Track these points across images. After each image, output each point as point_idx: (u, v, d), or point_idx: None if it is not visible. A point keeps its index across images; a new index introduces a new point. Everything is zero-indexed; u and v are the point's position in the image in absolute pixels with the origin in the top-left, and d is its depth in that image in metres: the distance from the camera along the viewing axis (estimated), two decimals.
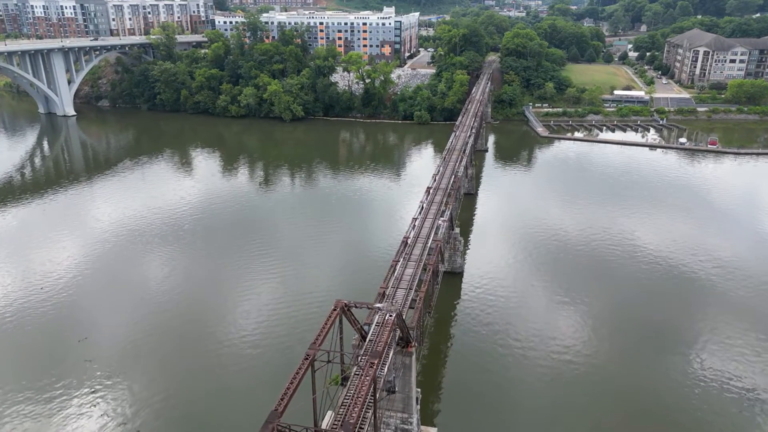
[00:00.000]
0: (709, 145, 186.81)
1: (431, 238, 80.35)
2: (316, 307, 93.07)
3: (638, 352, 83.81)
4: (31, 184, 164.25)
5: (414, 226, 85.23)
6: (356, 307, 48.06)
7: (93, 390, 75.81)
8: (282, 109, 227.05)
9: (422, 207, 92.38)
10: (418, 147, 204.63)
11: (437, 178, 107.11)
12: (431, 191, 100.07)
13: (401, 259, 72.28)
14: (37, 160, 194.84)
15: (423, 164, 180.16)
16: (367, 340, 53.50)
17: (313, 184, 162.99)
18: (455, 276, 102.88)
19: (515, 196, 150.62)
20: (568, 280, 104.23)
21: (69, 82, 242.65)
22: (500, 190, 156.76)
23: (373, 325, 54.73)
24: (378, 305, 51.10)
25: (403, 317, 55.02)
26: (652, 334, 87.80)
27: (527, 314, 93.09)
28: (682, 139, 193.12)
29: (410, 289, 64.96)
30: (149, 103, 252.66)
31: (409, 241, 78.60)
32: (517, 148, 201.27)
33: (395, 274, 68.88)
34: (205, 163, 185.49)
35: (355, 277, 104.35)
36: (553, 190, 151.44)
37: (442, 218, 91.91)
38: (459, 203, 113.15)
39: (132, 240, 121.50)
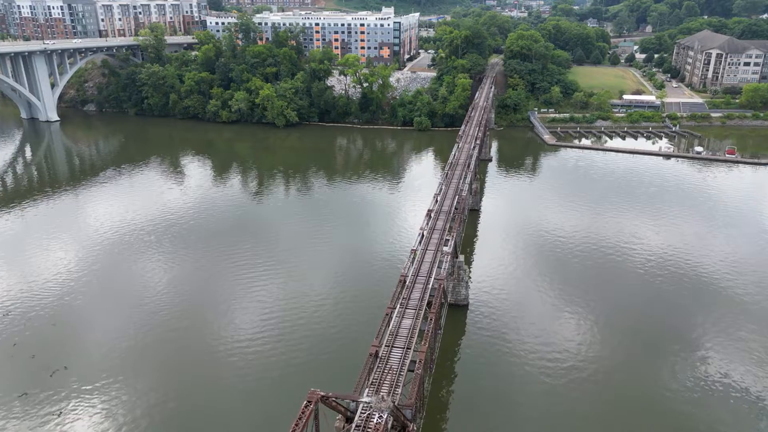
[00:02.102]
0: (726, 155, 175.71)
1: (433, 276, 69.37)
2: (306, 332, 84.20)
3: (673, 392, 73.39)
4: (11, 193, 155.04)
5: (413, 259, 74.25)
6: (336, 399, 37.07)
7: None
8: (275, 115, 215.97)
9: (422, 235, 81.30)
10: (418, 155, 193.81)
11: (439, 198, 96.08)
12: (432, 215, 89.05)
13: (398, 306, 61.32)
14: (19, 168, 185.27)
15: (423, 174, 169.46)
16: (354, 425, 42.58)
17: (306, 196, 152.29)
18: (459, 309, 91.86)
19: (522, 211, 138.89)
20: (584, 304, 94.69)
21: (52, 86, 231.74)
22: (505, 203, 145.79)
23: (362, 403, 43.83)
24: (365, 399, 40.19)
25: (399, 395, 44.09)
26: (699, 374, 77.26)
27: (541, 352, 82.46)
28: (698, 148, 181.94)
29: (408, 348, 54.04)
30: (137, 107, 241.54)
31: (407, 281, 67.59)
32: (522, 157, 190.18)
33: (391, 326, 57.95)
34: (194, 171, 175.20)
35: (347, 310, 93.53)
36: (562, 204, 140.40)
37: (445, 247, 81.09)
38: (463, 226, 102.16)
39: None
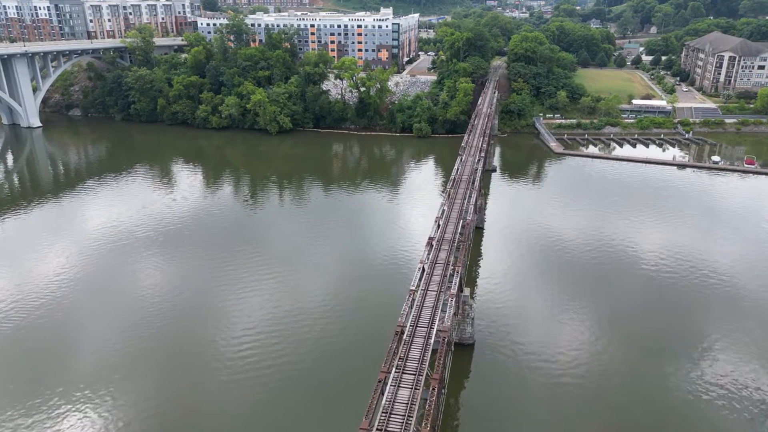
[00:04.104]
0: (745, 165, 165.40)
1: (435, 326, 58.99)
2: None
3: None
4: None
5: (412, 301, 63.82)
6: None
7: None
8: (267, 121, 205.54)
9: (422, 270, 70.80)
10: (418, 164, 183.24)
11: (441, 222, 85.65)
12: (434, 244, 78.56)
13: (393, 370, 50.92)
14: None
15: (424, 186, 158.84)
16: None
17: (299, 208, 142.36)
18: (464, 349, 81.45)
19: (528, 226, 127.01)
20: (602, 327, 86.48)
21: (34, 91, 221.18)
22: (511, 218, 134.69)
23: None
24: None
25: None
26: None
27: (560, 396, 72.42)
28: (715, 158, 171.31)
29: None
30: (123, 112, 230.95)
31: (405, 332, 57.20)
32: (528, 166, 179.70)
33: (385, 396, 47.57)
34: (182, 180, 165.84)
35: (339, 348, 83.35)
36: (571, 219, 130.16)
37: (449, 283, 70.74)
38: (468, 253, 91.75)
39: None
